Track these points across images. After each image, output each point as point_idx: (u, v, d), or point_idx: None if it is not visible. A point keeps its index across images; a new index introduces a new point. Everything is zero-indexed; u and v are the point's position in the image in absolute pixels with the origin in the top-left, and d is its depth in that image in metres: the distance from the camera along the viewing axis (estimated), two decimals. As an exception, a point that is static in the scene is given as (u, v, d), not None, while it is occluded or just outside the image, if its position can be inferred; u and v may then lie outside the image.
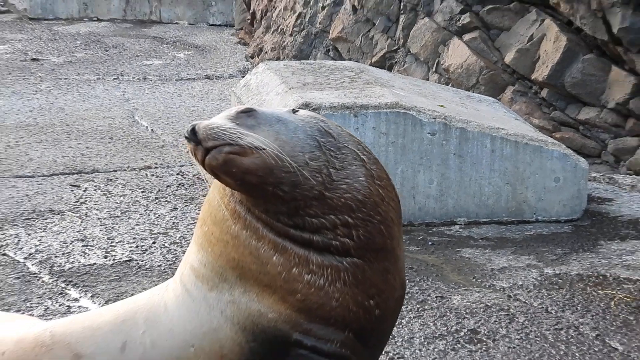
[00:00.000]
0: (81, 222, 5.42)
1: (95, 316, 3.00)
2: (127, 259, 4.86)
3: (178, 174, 6.43)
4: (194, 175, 6.39)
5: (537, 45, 7.19)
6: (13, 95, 8.92)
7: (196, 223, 2.92)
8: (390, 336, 3.18)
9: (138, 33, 12.50)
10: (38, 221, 5.43)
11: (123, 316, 2.91)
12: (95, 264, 4.79)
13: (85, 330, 2.93)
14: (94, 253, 4.94)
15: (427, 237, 5.23)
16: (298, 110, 2.84)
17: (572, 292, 4.46)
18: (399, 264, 2.84)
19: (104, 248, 5.01)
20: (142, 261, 4.83)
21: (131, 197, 5.91)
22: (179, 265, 2.96)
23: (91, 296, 4.39)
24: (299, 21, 9.62)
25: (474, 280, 4.62)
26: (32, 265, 4.77)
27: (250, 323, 2.72)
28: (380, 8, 8.55)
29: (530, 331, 4.04)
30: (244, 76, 7.96)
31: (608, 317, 4.19)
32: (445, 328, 4.05)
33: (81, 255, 4.91)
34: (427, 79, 7.82)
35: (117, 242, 5.10)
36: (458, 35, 7.79)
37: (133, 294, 3.99)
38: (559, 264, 4.84)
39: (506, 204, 5.47)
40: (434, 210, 5.44)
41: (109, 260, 4.83)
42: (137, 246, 5.04)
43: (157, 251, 4.98)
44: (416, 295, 4.40)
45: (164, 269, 4.72)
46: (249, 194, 2.71)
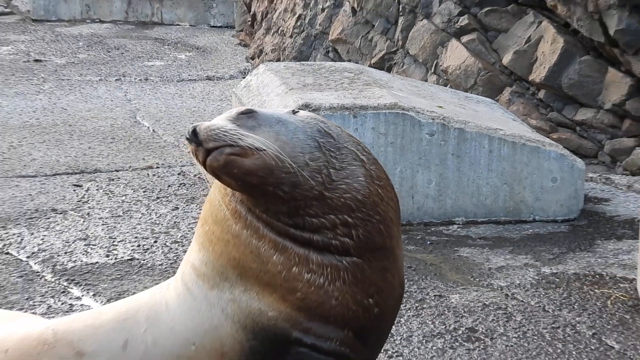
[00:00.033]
0: (83, 222, 5.43)
1: (97, 314, 2.99)
2: (129, 257, 4.87)
3: (179, 174, 6.44)
4: (195, 175, 6.40)
5: (535, 47, 7.17)
6: (16, 96, 8.91)
7: (197, 222, 2.92)
8: (389, 334, 3.17)
9: (140, 34, 12.47)
10: (41, 220, 5.44)
11: (125, 314, 2.90)
12: (97, 262, 4.80)
13: (87, 328, 2.93)
14: (96, 252, 4.95)
15: (426, 237, 5.24)
16: (298, 111, 2.84)
17: (569, 291, 4.46)
18: (398, 263, 2.84)
19: (106, 247, 5.02)
20: (144, 260, 4.84)
21: (133, 197, 5.92)
22: (180, 264, 2.96)
23: (93, 295, 4.39)
24: (299, 23, 9.62)
25: (472, 279, 4.63)
26: (35, 264, 4.78)
27: (251, 321, 2.72)
28: (379, 10, 8.53)
29: (528, 330, 4.04)
30: (244, 77, 7.94)
31: (604, 316, 4.19)
32: (444, 326, 4.06)
33: (83, 254, 4.92)
34: (426, 80, 7.79)
35: (119, 241, 5.11)
36: (456, 37, 7.76)
37: (135, 293, 4.00)
38: (556, 263, 4.85)
39: (504, 203, 5.47)
40: (433, 210, 5.44)
41: (111, 259, 4.84)
42: (139, 245, 5.05)
43: (159, 250, 4.99)
44: (415, 294, 4.41)
45: (165, 268, 4.73)
46: (250, 194, 2.71)
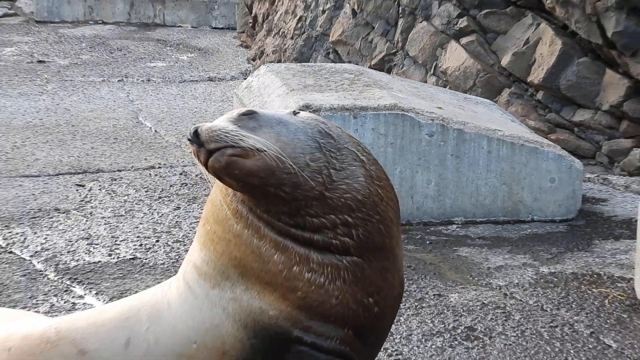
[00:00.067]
0: (86, 221, 5.44)
1: (100, 313, 3.00)
2: (131, 257, 4.88)
3: (181, 174, 6.45)
4: (196, 175, 6.42)
5: (533, 49, 7.19)
6: (20, 97, 8.93)
7: (199, 222, 2.92)
8: (389, 333, 3.17)
9: (142, 36, 12.47)
10: (44, 220, 5.45)
11: (127, 313, 2.91)
12: (99, 261, 4.81)
13: (89, 326, 2.93)
14: (99, 251, 4.96)
15: (425, 237, 5.24)
16: (299, 112, 2.84)
17: (567, 291, 4.47)
18: (398, 263, 2.85)
19: (109, 246, 5.03)
20: (146, 259, 4.85)
21: (135, 197, 5.94)
22: (181, 263, 2.97)
23: (96, 293, 4.40)
24: (299, 24, 9.64)
25: (470, 278, 4.64)
26: (38, 263, 4.79)
27: (252, 320, 2.73)
28: (379, 12, 8.54)
29: (526, 328, 4.05)
30: (245, 78, 7.95)
31: (602, 315, 4.20)
32: (443, 325, 4.07)
33: (86, 253, 4.93)
34: (425, 82, 7.80)
35: (122, 241, 5.12)
36: (455, 39, 7.77)
37: (137, 292, 4.03)
38: (554, 263, 4.85)
39: (502, 204, 5.48)
40: (432, 210, 5.45)
41: (113, 258, 4.85)
42: (141, 244, 5.07)
43: (161, 249, 5.00)
44: (414, 293, 4.42)
45: (167, 267, 4.73)
46: (251, 194, 2.72)
